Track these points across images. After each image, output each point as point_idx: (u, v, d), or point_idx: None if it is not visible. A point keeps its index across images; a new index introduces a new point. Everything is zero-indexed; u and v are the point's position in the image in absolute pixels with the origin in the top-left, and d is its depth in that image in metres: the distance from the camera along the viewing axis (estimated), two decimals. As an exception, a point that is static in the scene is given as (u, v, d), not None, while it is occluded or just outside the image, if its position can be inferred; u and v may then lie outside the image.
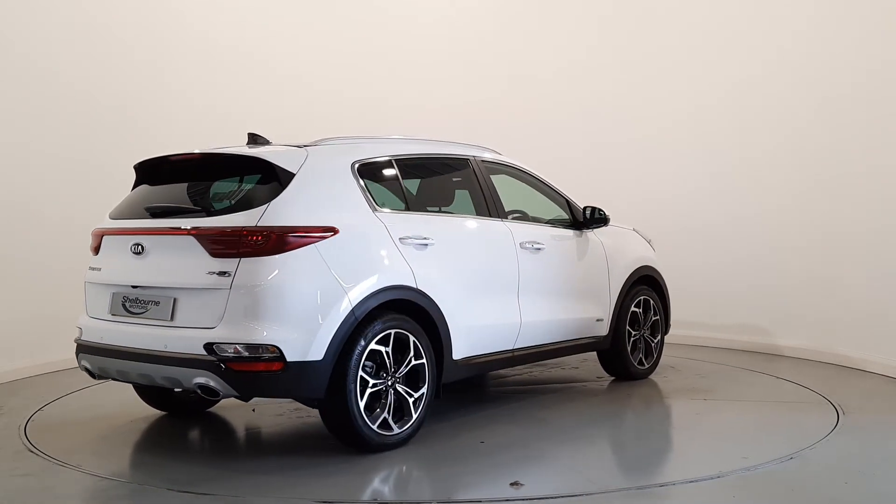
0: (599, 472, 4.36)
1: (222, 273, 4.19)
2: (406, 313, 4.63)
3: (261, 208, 4.29)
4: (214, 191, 4.69)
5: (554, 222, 5.99)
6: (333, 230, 4.37)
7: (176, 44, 8.20)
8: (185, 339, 4.26)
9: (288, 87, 8.91)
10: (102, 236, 4.83)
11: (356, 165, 4.74)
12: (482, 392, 6.31)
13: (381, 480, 4.21)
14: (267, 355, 4.12)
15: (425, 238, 4.81)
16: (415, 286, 4.64)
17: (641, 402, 5.95)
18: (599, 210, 6.09)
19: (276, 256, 4.18)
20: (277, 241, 4.20)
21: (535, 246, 5.56)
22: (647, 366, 6.57)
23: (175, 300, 4.36)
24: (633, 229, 6.76)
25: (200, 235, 4.29)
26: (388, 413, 4.49)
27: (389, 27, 9.51)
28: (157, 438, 5.11)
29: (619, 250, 6.33)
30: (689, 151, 8.49)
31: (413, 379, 4.65)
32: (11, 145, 6.94)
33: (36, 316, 6.92)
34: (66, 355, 5.24)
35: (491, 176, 5.84)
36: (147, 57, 7.96)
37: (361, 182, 4.71)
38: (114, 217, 4.88)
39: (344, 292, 4.30)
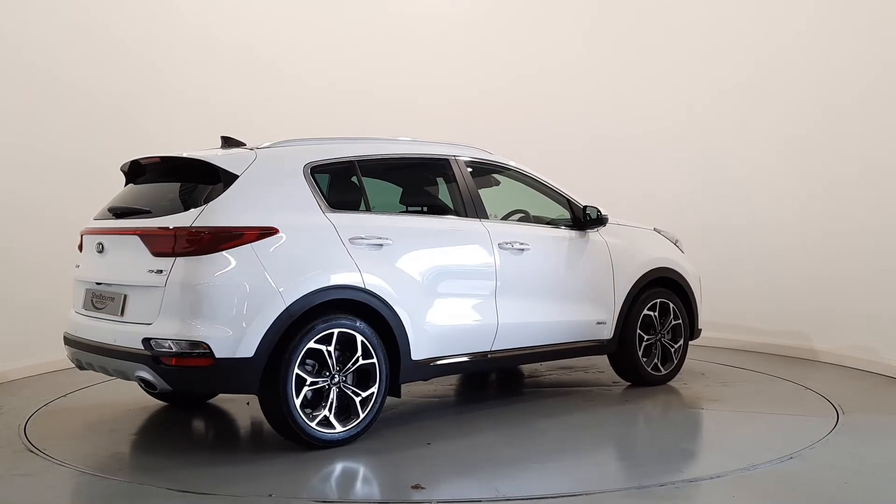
0: (559, 477, 4.35)
1: (159, 271, 4.39)
2: (355, 313, 4.68)
3: (198, 209, 4.47)
4: (167, 192, 4.83)
5: (556, 222, 5.91)
6: (272, 231, 4.47)
7: (176, 44, 8.20)
8: (129, 333, 4.47)
9: (288, 87, 8.91)
10: (83, 236, 5.13)
11: (309, 167, 4.82)
12: (476, 392, 6.31)
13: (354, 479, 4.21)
14: (196, 351, 4.27)
15: (381, 238, 4.83)
16: (362, 286, 4.67)
17: (633, 406, 5.90)
18: (594, 209, 5.90)
19: (209, 256, 4.33)
20: (210, 241, 4.35)
21: (518, 246, 5.45)
22: (663, 371, 6.29)
23: (125, 297, 4.59)
24: (655, 229, 6.52)
25: (143, 235, 4.52)
26: (330, 411, 4.55)
27: (390, 26, 9.51)
28: (158, 438, 5.11)
29: (628, 251, 6.10)
30: (692, 150, 8.48)
31: (363, 378, 4.70)
32: (12, 146, 6.93)
33: (35, 316, 6.91)
34: (65, 356, 5.27)
35: (489, 176, 5.83)
36: (147, 57, 7.96)
37: (313, 183, 4.78)
38: (95, 217, 5.14)
39: (277, 292, 4.39)
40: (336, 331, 4.56)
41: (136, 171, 5.14)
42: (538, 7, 9.47)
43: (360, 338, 4.65)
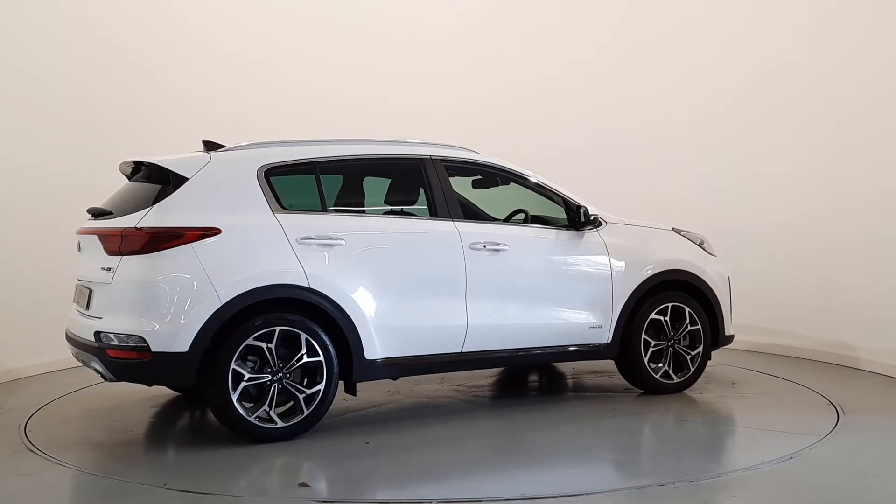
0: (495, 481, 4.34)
1: (108, 269, 4.69)
2: (301, 312, 4.77)
3: (144, 211, 4.72)
4: (133, 194, 5.03)
5: (552, 222, 5.78)
6: (214, 231, 4.66)
7: (176, 44, 8.19)
8: (88, 327, 4.78)
9: (287, 88, 8.90)
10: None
11: (264, 169, 4.95)
12: (466, 395, 6.31)
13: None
14: (135, 345, 4.53)
15: (333, 238, 4.92)
16: (307, 285, 4.76)
17: (621, 411, 5.90)
18: (584, 209, 5.70)
19: (150, 255, 4.59)
20: (151, 240, 4.60)
21: (493, 247, 5.36)
22: (675, 379, 5.95)
23: (91, 292, 4.91)
24: (674, 228, 6.21)
25: (100, 235, 4.82)
26: (270, 407, 4.69)
27: (389, 27, 9.50)
28: (158, 438, 5.11)
29: (632, 251, 5.83)
30: (694, 151, 8.48)
31: (312, 376, 4.81)
32: (12, 146, 6.94)
33: (35, 316, 6.91)
34: (66, 355, 5.29)
35: (493, 177, 5.77)
36: (147, 57, 7.96)
37: (266, 185, 4.91)
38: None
39: (214, 290, 4.57)
40: (278, 328, 4.68)
41: (128, 174, 5.38)
42: (540, 8, 9.46)
43: (304, 336, 4.74)
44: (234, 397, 4.60)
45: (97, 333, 4.65)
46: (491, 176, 5.91)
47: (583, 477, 4.29)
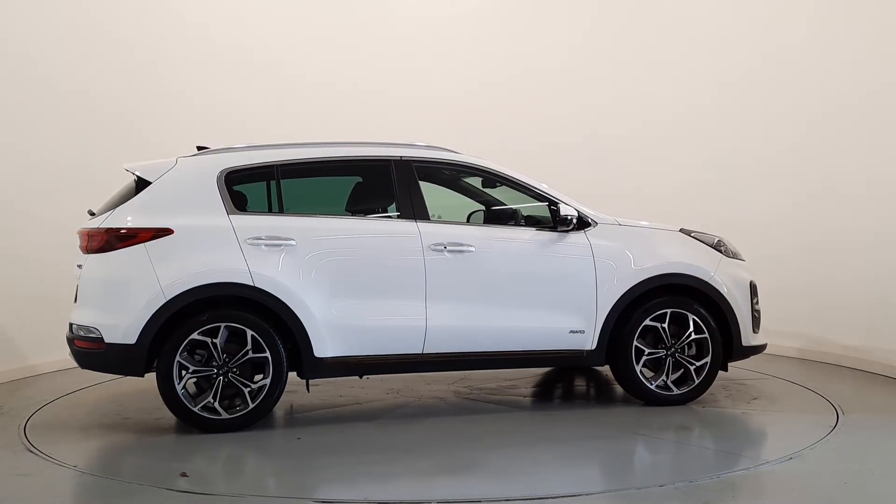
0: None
1: (80, 266, 5.11)
2: (249, 309, 5.01)
3: (108, 213, 5.08)
4: (118, 196, 5.30)
5: (546, 223, 5.55)
6: (167, 231, 4.97)
7: (175, 39, 8.19)
8: (69, 319, 5.20)
9: (288, 87, 8.88)
10: None
11: (224, 173, 5.19)
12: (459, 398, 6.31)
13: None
14: (92, 336, 4.96)
15: (284, 239, 5.08)
16: (251, 284, 4.97)
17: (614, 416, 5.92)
18: (558, 206, 5.46)
19: (108, 253, 4.97)
20: (108, 240, 4.98)
21: (455, 248, 5.29)
22: (675, 391, 5.60)
23: (77, 287, 5.19)
24: (682, 229, 5.83)
25: (79, 235, 5.19)
26: (214, 399, 4.95)
27: (389, 24, 9.47)
28: (158, 438, 5.10)
29: (622, 253, 5.54)
30: (693, 149, 8.48)
31: (260, 371, 5.04)
32: (12, 146, 6.94)
33: (36, 316, 6.91)
34: (66, 355, 5.30)
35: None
36: (147, 57, 7.96)
37: (224, 188, 5.15)
38: None
39: (160, 287, 4.88)
40: (223, 325, 4.94)
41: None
42: (540, 4, 9.45)
43: (249, 332, 4.96)
44: (179, 388, 4.90)
45: (70, 325, 5.14)
46: (467, 175, 5.84)
47: (583, 477, 4.29)
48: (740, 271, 5.83)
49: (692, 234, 5.83)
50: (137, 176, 5.16)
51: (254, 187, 5.31)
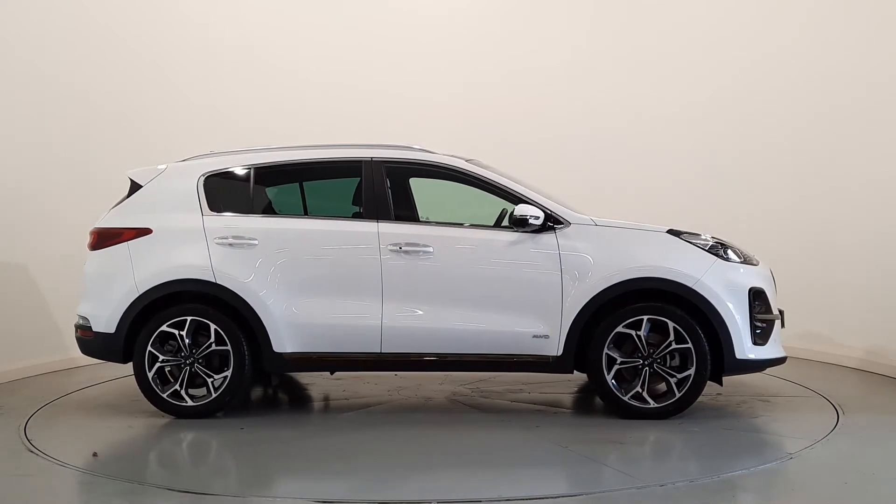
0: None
1: (84, 262, 5.61)
2: (212, 304, 5.35)
3: (103, 214, 5.59)
4: (120, 200, 5.72)
5: (507, 225, 5.38)
6: (147, 231, 5.42)
7: (176, 38, 8.18)
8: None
9: (288, 87, 8.88)
10: None
11: (204, 176, 5.56)
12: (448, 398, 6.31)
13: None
14: (84, 324, 5.53)
15: (248, 239, 5.37)
16: (213, 280, 5.31)
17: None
18: (517, 206, 5.27)
19: (99, 251, 5.52)
20: (98, 239, 5.54)
21: (412, 248, 5.27)
22: (652, 404, 5.20)
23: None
24: (670, 230, 5.38)
25: (90, 234, 5.65)
26: (181, 387, 5.33)
27: (389, 23, 9.46)
28: (157, 438, 5.11)
29: (592, 256, 5.23)
30: (693, 147, 8.46)
31: (225, 363, 5.34)
32: (13, 146, 6.94)
33: (36, 316, 6.91)
34: (66, 355, 5.31)
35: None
36: (147, 57, 7.96)
37: (202, 191, 5.51)
38: None
39: (135, 281, 5.34)
40: (189, 318, 5.31)
41: None
42: (539, 4, 9.44)
43: (213, 326, 5.30)
44: (150, 375, 5.30)
45: (78, 316, 5.62)
46: (438, 175, 5.66)
47: (583, 477, 4.29)
48: (740, 277, 5.30)
49: (682, 236, 5.37)
50: (132, 180, 5.61)
51: (230, 190, 5.59)
